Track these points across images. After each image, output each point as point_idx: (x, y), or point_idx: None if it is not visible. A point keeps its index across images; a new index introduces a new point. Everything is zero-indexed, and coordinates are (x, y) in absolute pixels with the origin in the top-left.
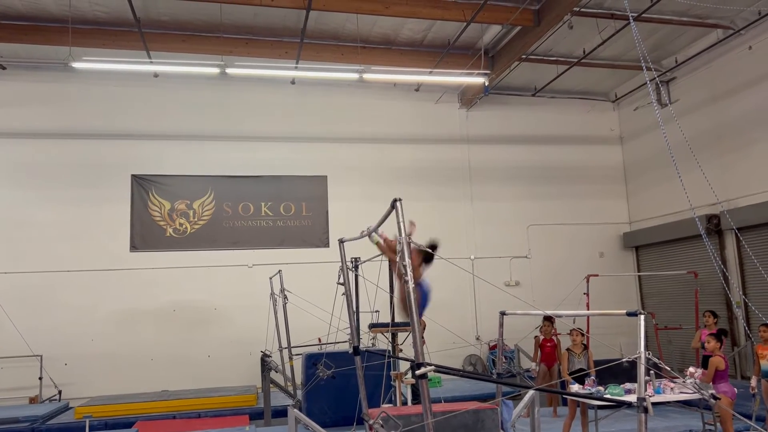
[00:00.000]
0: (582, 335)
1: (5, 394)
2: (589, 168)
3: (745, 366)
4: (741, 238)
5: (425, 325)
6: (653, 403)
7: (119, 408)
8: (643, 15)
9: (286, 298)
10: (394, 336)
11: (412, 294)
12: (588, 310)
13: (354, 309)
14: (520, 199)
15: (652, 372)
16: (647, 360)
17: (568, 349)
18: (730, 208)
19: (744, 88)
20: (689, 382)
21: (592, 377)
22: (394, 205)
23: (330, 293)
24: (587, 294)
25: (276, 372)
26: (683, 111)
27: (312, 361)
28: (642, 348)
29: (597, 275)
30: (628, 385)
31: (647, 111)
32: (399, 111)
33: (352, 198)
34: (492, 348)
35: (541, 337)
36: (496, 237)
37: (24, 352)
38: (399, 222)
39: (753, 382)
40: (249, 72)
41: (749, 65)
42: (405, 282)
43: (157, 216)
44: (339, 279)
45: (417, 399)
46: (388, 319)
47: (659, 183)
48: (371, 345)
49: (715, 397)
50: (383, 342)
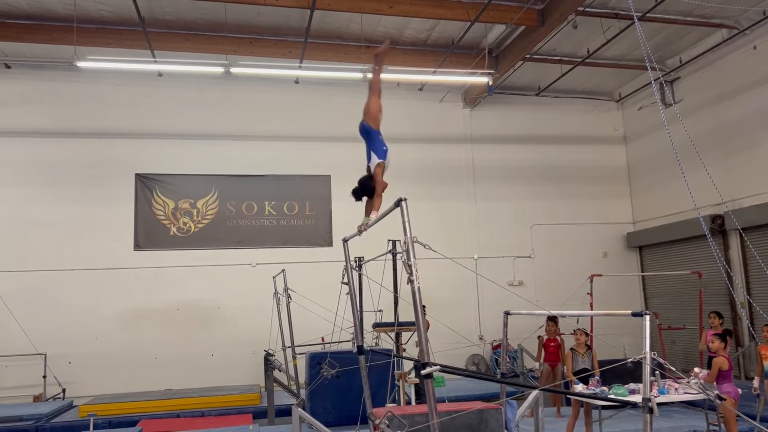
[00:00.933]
0: (586, 335)
1: (9, 392)
2: (593, 168)
3: (749, 366)
4: (745, 238)
5: (428, 325)
6: (657, 404)
7: (123, 407)
8: (648, 15)
9: (289, 297)
10: (398, 335)
11: (417, 294)
12: (592, 310)
13: (358, 308)
14: (523, 199)
15: (657, 372)
16: (652, 360)
17: (572, 349)
18: (734, 208)
19: (749, 88)
20: (694, 382)
21: (596, 377)
22: (398, 204)
23: (333, 292)
24: (591, 294)
25: (279, 371)
26: (687, 111)
27: (316, 361)
28: (647, 348)
29: (601, 275)
30: (632, 386)
31: (651, 111)
32: (402, 110)
33: None
34: (495, 348)
35: (545, 337)
36: (499, 237)
37: (28, 350)
38: (404, 221)
39: (756, 383)
40: (253, 71)
41: (754, 65)
42: (410, 282)
43: (161, 215)
44: (343, 278)
45: (420, 399)
46: (391, 319)
47: (663, 183)
48: (374, 344)
49: (721, 398)
50: (386, 341)
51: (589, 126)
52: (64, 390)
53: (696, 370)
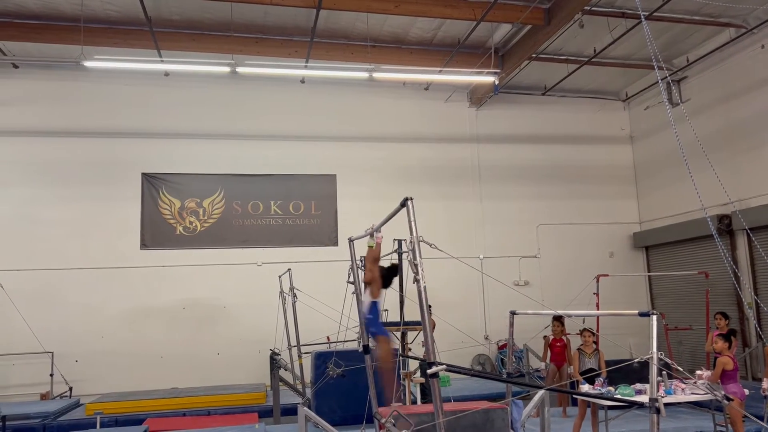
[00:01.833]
0: (593, 335)
1: (17, 390)
2: (599, 167)
3: (756, 367)
4: (753, 238)
5: (435, 325)
6: (664, 404)
7: (130, 405)
8: (655, 14)
9: (295, 296)
10: (403, 335)
11: (423, 294)
12: (598, 310)
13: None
14: (529, 199)
15: (664, 372)
16: (659, 360)
17: (579, 349)
18: (741, 208)
19: (756, 87)
20: (701, 383)
21: (602, 378)
22: (404, 204)
23: (338, 292)
24: (597, 294)
25: (285, 370)
26: (695, 110)
27: (321, 360)
28: (654, 348)
29: (607, 275)
30: (638, 386)
31: (658, 110)
32: (408, 110)
33: (361, 197)
34: (501, 348)
35: (551, 337)
36: (505, 236)
37: (35, 348)
38: (410, 221)
39: (765, 383)
40: (259, 71)
41: (762, 64)
42: (416, 281)
43: (167, 214)
44: (348, 278)
45: (426, 398)
46: (396, 318)
47: (670, 183)
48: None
49: (729, 398)
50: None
51: (596, 125)
52: (71, 388)
53: (699, 371)
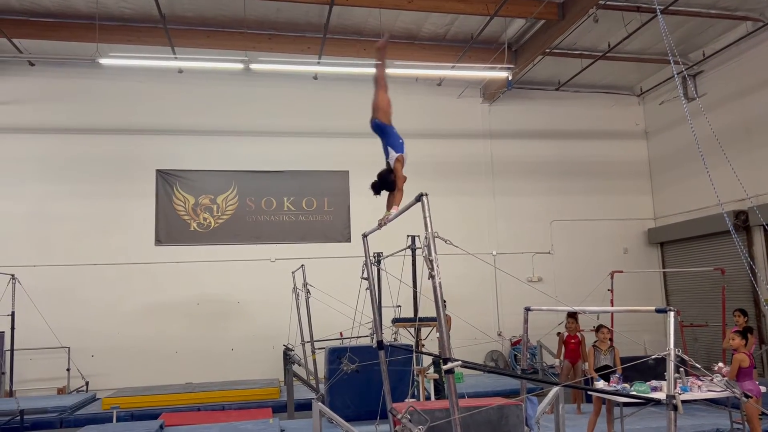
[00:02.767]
0: (610, 332)
1: (35, 384)
2: (614, 163)
3: None
4: None
5: (450, 320)
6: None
7: (145, 399)
8: (671, 7)
9: (308, 292)
10: (417, 331)
11: (438, 290)
12: (612, 306)
13: (377, 304)
14: (543, 195)
15: (681, 369)
16: (676, 357)
17: (594, 346)
18: (758, 203)
19: None
20: (718, 379)
21: (617, 375)
22: (419, 199)
23: (350, 288)
24: (611, 290)
25: (299, 366)
26: (711, 105)
27: (335, 355)
28: (671, 345)
29: (621, 271)
30: (654, 383)
31: (673, 105)
32: (421, 106)
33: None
34: (514, 344)
35: (566, 334)
36: (518, 233)
37: (52, 344)
38: (425, 217)
39: None
40: (272, 67)
41: None
42: (431, 277)
43: (182, 210)
44: (363, 273)
45: (440, 394)
46: (409, 314)
47: (685, 178)
48: (393, 340)
49: (747, 396)
50: (405, 337)
51: (610, 121)
52: (87, 383)
53: (720, 365)
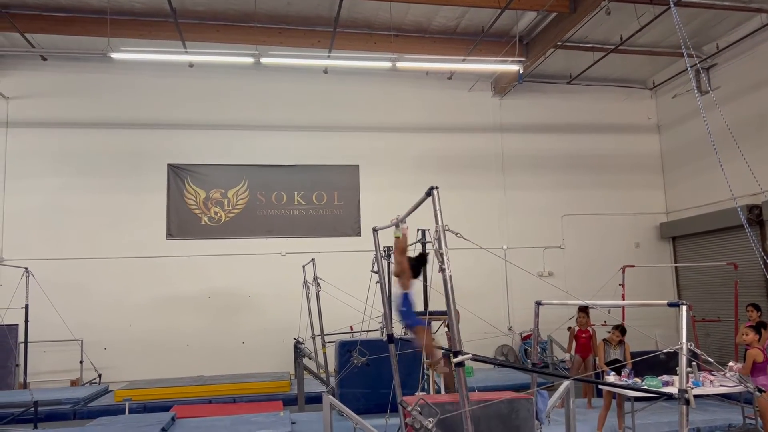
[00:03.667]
0: (622, 333)
1: (48, 376)
2: (626, 157)
3: None
4: None
5: (459, 315)
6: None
7: (157, 392)
8: (684, 0)
9: (319, 286)
10: (428, 324)
11: (449, 283)
12: (624, 301)
13: (387, 297)
14: (554, 189)
15: (693, 363)
16: (688, 351)
17: (604, 340)
18: None
19: None
20: (731, 375)
21: (627, 369)
22: (430, 193)
23: (360, 282)
24: (623, 285)
25: (309, 359)
26: (724, 98)
27: (345, 349)
28: (683, 339)
29: (633, 266)
30: (665, 377)
31: (686, 99)
32: (432, 100)
33: (383, 187)
34: (524, 338)
35: (576, 328)
36: (529, 227)
37: (66, 336)
38: (435, 210)
39: None
40: (282, 61)
41: None
42: (441, 270)
43: (193, 204)
44: (373, 267)
45: (449, 388)
46: (419, 308)
47: (697, 172)
48: (403, 333)
49: (761, 390)
50: None
51: (622, 114)
52: (100, 375)
53: (731, 363)
